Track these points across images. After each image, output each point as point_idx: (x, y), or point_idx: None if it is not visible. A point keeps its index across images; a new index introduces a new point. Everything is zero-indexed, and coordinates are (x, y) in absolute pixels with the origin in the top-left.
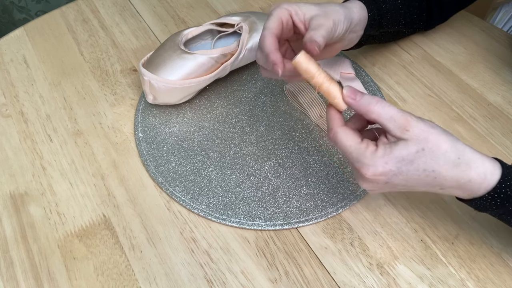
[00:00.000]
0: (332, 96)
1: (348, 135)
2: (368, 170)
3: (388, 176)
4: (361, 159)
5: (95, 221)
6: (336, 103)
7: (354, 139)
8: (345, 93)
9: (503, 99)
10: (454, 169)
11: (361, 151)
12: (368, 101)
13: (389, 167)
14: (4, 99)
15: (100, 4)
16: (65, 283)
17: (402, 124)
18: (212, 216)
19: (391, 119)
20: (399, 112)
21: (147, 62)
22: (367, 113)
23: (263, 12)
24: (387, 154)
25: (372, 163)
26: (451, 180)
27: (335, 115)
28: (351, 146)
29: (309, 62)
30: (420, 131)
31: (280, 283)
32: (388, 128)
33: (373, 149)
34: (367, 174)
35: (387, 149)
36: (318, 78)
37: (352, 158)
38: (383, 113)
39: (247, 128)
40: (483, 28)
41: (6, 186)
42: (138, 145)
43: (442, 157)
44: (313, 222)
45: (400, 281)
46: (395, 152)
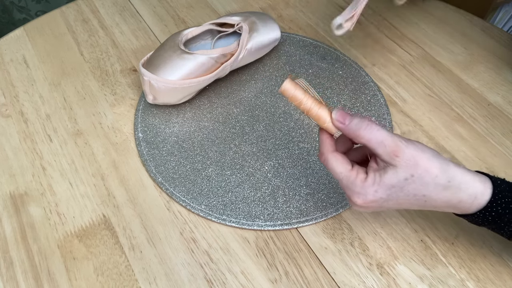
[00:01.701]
0: (322, 120)
1: (339, 162)
2: (359, 198)
3: (379, 203)
4: (351, 187)
5: (95, 221)
6: (326, 127)
7: (344, 166)
8: (334, 117)
9: (503, 99)
10: (444, 192)
11: (351, 179)
12: (358, 126)
13: (379, 195)
14: (4, 99)
15: (100, 4)
16: (65, 283)
17: (392, 150)
18: (212, 216)
19: (381, 144)
20: (389, 136)
21: (147, 62)
22: (356, 138)
23: (263, 12)
24: (377, 182)
25: (363, 192)
26: (442, 202)
27: (326, 140)
28: (341, 173)
29: (296, 89)
30: (410, 157)
31: (280, 283)
32: (377, 153)
33: (363, 177)
34: (357, 202)
35: (377, 177)
36: (305, 104)
37: (342, 184)
38: (373, 138)
39: (247, 128)
40: (483, 28)
41: (6, 186)
42: (138, 145)
43: (432, 182)
44: (313, 222)
45: (400, 281)
46: (385, 180)
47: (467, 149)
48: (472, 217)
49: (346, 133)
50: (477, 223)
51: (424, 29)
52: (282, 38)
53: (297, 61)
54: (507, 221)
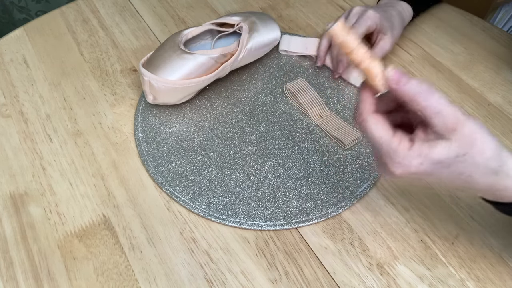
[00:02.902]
0: (372, 76)
1: (379, 125)
2: (398, 169)
3: (419, 175)
4: (392, 156)
5: (95, 221)
6: (375, 84)
7: (385, 131)
8: (389, 76)
9: (503, 99)
10: (491, 176)
11: (393, 146)
12: (415, 89)
13: (423, 169)
14: (4, 99)
15: (100, 4)
16: (65, 283)
17: (450, 123)
18: (212, 216)
19: (439, 114)
20: (449, 107)
21: (147, 62)
22: (411, 102)
23: (263, 12)
24: (423, 155)
25: (405, 163)
26: (484, 185)
27: (367, 98)
28: (381, 138)
29: (347, 35)
30: (468, 133)
31: (280, 283)
32: (432, 123)
33: (407, 145)
34: (396, 172)
35: (424, 149)
36: (356, 54)
37: (381, 151)
38: (431, 106)
39: (247, 128)
40: (483, 28)
41: (6, 186)
42: (138, 145)
43: (482, 164)
44: (313, 222)
45: (400, 281)
46: (433, 154)
47: None
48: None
49: (399, 94)
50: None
51: (424, 29)
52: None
53: (297, 61)
54: None
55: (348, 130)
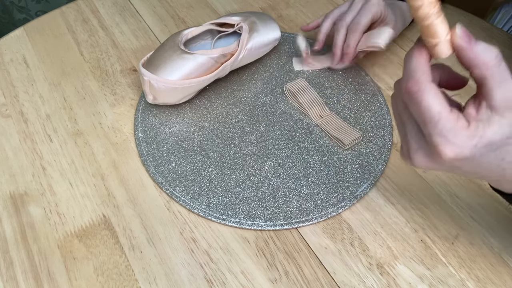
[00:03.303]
0: (437, 35)
1: (439, 98)
2: (452, 151)
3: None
4: (448, 135)
5: (95, 221)
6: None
7: (444, 105)
8: (459, 33)
9: None
10: None
11: (450, 124)
12: (486, 53)
13: (475, 151)
14: (4, 99)
15: (100, 4)
16: (65, 283)
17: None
18: (212, 216)
19: (503, 85)
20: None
21: (147, 62)
22: (480, 67)
23: (263, 12)
24: (479, 134)
25: (461, 144)
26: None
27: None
28: (440, 113)
29: None
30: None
31: (280, 283)
32: (492, 94)
33: (465, 125)
34: (447, 154)
35: (480, 129)
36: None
37: (434, 128)
38: (498, 74)
39: (247, 128)
40: (483, 28)
41: (6, 186)
42: (138, 145)
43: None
44: (313, 222)
45: (400, 281)
46: (488, 134)
47: None
48: None
49: (469, 57)
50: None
51: None
52: (282, 38)
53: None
54: None
55: (348, 130)
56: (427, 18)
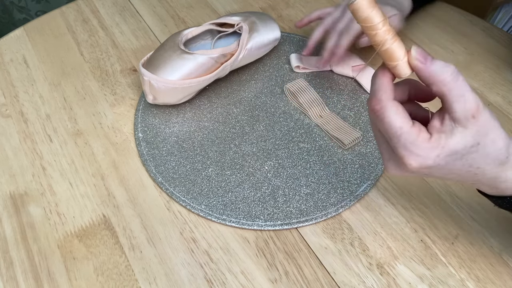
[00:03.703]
0: (395, 57)
1: (400, 114)
2: (416, 161)
3: (432, 170)
4: (410, 147)
5: (95, 221)
6: (396, 66)
7: (405, 120)
8: (414, 54)
9: (503, 99)
10: (497, 167)
11: (412, 137)
12: (442, 70)
13: (439, 161)
14: (4, 99)
15: (100, 4)
16: (65, 283)
17: (471, 109)
18: (212, 216)
19: (462, 98)
20: (472, 93)
21: (147, 62)
22: (437, 84)
23: (263, 12)
24: (441, 145)
25: (423, 155)
26: (490, 177)
27: (387, 84)
28: (401, 129)
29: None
30: (485, 123)
31: (280, 283)
32: (453, 108)
33: (426, 137)
34: (412, 165)
35: (442, 140)
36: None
37: (398, 142)
38: (456, 88)
39: (247, 128)
40: (483, 28)
41: (6, 186)
42: (138, 145)
43: (492, 154)
44: (313, 222)
45: (400, 281)
46: (450, 144)
47: None
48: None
49: (425, 76)
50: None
51: (424, 29)
52: (282, 38)
53: None
54: None
55: (348, 130)
56: (384, 44)
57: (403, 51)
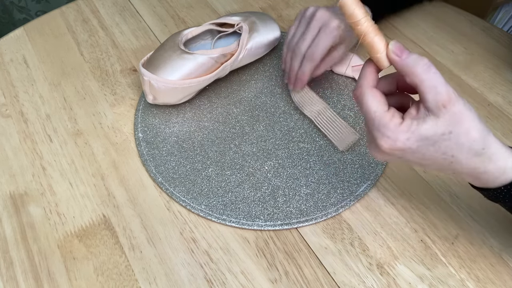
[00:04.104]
0: (375, 49)
1: (376, 99)
2: (386, 143)
3: (404, 153)
4: (382, 130)
5: (95, 221)
6: (377, 58)
7: (380, 105)
8: (391, 47)
9: (503, 99)
10: (474, 158)
11: (384, 120)
12: (415, 62)
13: (409, 144)
14: (4, 99)
15: (100, 4)
16: (65, 283)
17: (442, 99)
18: (212, 216)
19: (434, 89)
20: (444, 85)
21: (147, 62)
22: (410, 75)
23: (263, 12)
24: (411, 130)
25: (393, 137)
26: (467, 167)
27: (369, 73)
28: (375, 112)
29: (357, 7)
30: (457, 112)
31: (280, 283)
32: (425, 98)
33: (398, 122)
34: (383, 146)
35: (414, 125)
36: (363, 26)
37: (372, 125)
38: (427, 79)
39: (247, 128)
40: (483, 28)
41: (6, 186)
42: (138, 145)
43: (467, 145)
44: (313, 222)
45: (400, 281)
46: (421, 129)
47: None
48: (493, 191)
49: (399, 68)
50: (496, 198)
51: (424, 29)
52: (282, 38)
53: None
54: None
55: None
56: (367, 35)
57: (384, 44)
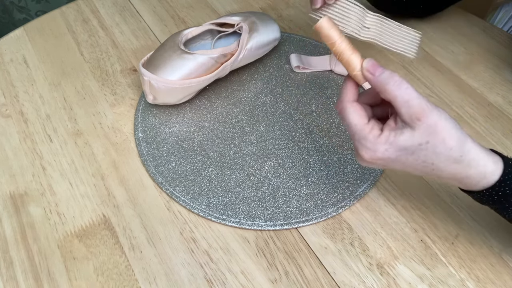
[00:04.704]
0: (352, 67)
1: (356, 113)
2: (367, 153)
3: (385, 162)
4: (363, 141)
5: (95, 221)
6: (355, 75)
7: (361, 118)
8: (365, 66)
9: (503, 99)
10: (453, 165)
11: (364, 133)
12: (387, 80)
13: (388, 155)
14: (4, 99)
15: (100, 4)
16: (65, 283)
17: (415, 112)
18: (212, 216)
19: (406, 103)
20: (416, 98)
21: (147, 62)
22: (383, 92)
23: (263, 12)
24: (389, 141)
25: (373, 148)
26: (449, 174)
27: (349, 88)
28: (356, 125)
29: (332, 28)
30: (432, 123)
31: (280, 283)
32: (400, 112)
33: (377, 133)
34: (364, 156)
35: (391, 137)
36: (339, 46)
37: (354, 137)
38: (399, 95)
39: (247, 128)
40: (483, 28)
41: (6, 186)
42: (138, 145)
43: (444, 153)
44: (313, 222)
45: (400, 281)
46: (398, 141)
47: None
48: (477, 194)
49: (373, 84)
50: (481, 201)
51: (424, 29)
52: (282, 38)
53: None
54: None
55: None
56: (343, 54)
57: (359, 62)
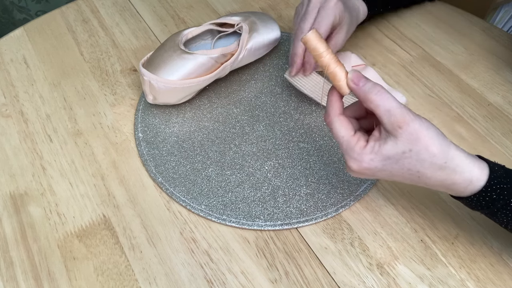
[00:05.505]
0: (337, 78)
1: (343, 126)
2: (354, 164)
3: (372, 171)
4: (350, 152)
5: (95, 221)
6: (339, 86)
7: (347, 130)
8: (350, 76)
9: (503, 99)
10: (438, 172)
11: (350, 145)
12: (370, 90)
13: (374, 164)
14: (4, 99)
15: (100, 4)
16: (65, 283)
17: (396, 121)
18: (212, 216)
19: (387, 113)
20: (398, 107)
21: (147, 62)
22: (366, 102)
23: (263, 12)
24: (374, 151)
25: (359, 159)
26: (435, 180)
27: (335, 102)
28: (343, 137)
29: (319, 41)
30: (413, 131)
31: (280, 283)
32: (382, 121)
33: (363, 144)
34: (352, 166)
35: (376, 147)
36: (325, 58)
37: (342, 148)
38: (381, 105)
39: (247, 128)
40: (483, 28)
41: (6, 186)
42: (138, 145)
43: (428, 160)
44: (313, 222)
45: (400, 281)
46: (382, 150)
47: (467, 149)
48: (466, 200)
49: (357, 95)
50: (471, 206)
51: (424, 29)
52: (282, 38)
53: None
54: (500, 207)
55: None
56: (330, 65)
57: (344, 74)
